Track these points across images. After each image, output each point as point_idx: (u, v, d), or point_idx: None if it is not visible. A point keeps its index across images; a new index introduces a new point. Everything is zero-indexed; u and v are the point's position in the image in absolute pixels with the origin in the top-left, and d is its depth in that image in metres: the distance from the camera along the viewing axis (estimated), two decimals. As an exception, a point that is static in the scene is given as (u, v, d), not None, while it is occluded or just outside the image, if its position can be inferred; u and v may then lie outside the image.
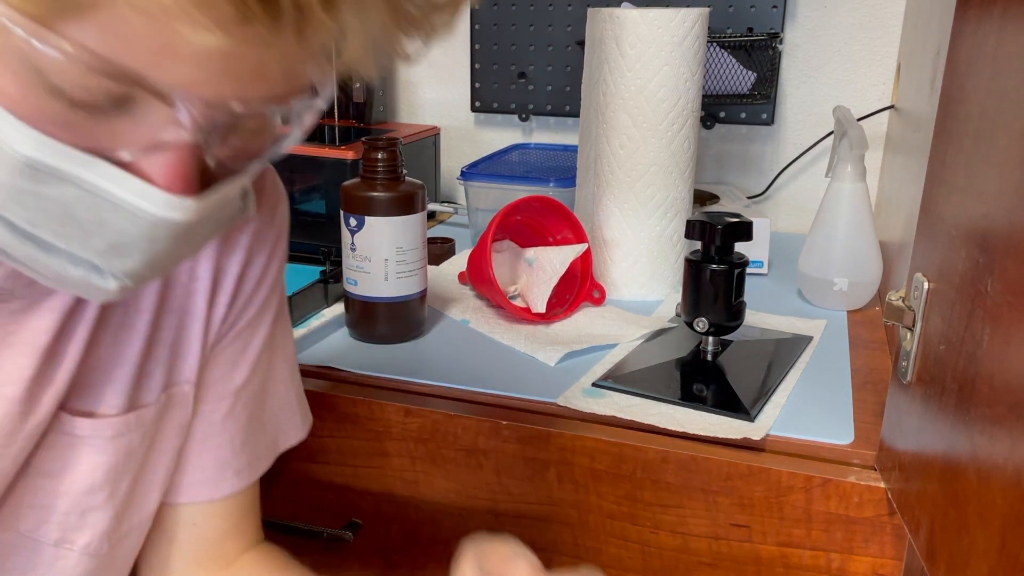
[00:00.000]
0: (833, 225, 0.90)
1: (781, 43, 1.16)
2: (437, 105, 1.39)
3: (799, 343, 0.83)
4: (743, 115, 1.23)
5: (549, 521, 0.70)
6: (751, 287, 0.95)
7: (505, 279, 0.92)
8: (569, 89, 1.29)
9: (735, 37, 1.14)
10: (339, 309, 0.89)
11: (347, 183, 0.81)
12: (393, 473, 0.74)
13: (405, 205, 0.79)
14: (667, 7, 0.87)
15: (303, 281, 0.90)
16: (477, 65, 1.32)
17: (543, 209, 0.92)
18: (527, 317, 0.87)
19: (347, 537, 0.74)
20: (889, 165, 1.08)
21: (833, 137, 0.94)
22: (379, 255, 0.80)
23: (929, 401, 0.53)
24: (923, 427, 0.54)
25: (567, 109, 1.30)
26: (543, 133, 1.35)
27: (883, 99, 1.18)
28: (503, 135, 1.37)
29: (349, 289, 0.83)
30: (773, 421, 0.68)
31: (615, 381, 0.74)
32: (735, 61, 1.15)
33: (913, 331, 0.55)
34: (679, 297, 0.83)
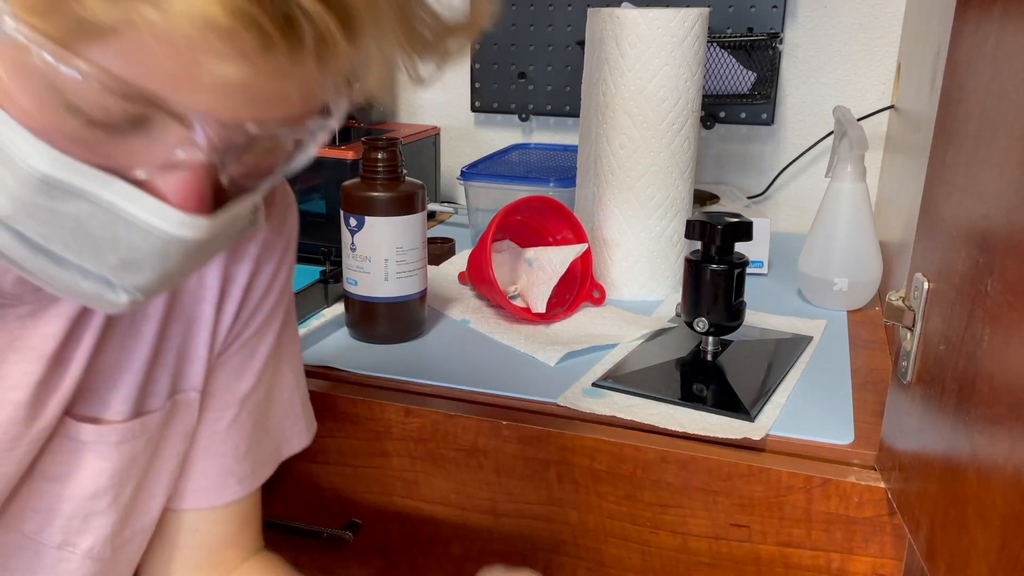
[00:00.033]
0: (833, 225, 0.90)
1: (781, 43, 1.16)
2: (437, 105, 1.39)
3: (799, 343, 0.83)
4: (743, 115, 1.23)
5: (549, 521, 0.70)
6: (751, 287, 0.95)
7: (505, 279, 0.92)
8: (569, 89, 1.29)
9: (735, 37, 1.14)
10: (339, 309, 0.89)
11: (347, 183, 0.81)
12: (393, 473, 0.74)
13: (405, 205, 0.79)
14: (667, 7, 0.87)
15: (303, 281, 0.90)
16: (477, 65, 1.32)
17: (543, 209, 0.92)
18: (527, 317, 0.87)
19: (347, 537, 0.74)
20: (889, 165, 1.08)
21: (833, 137, 0.94)
22: (379, 255, 0.80)
23: (929, 401, 0.53)
24: (923, 427, 0.54)
25: (567, 109, 1.30)
26: (543, 133, 1.35)
27: (883, 99, 1.18)
28: (503, 135, 1.37)
29: (349, 289, 0.83)
30: (773, 421, 0.68)
31: (615, 381, 0.74)
32: (735, 61, 1.15)
33: (913, 331, 0.55)
34: (679, 297, 0.83)
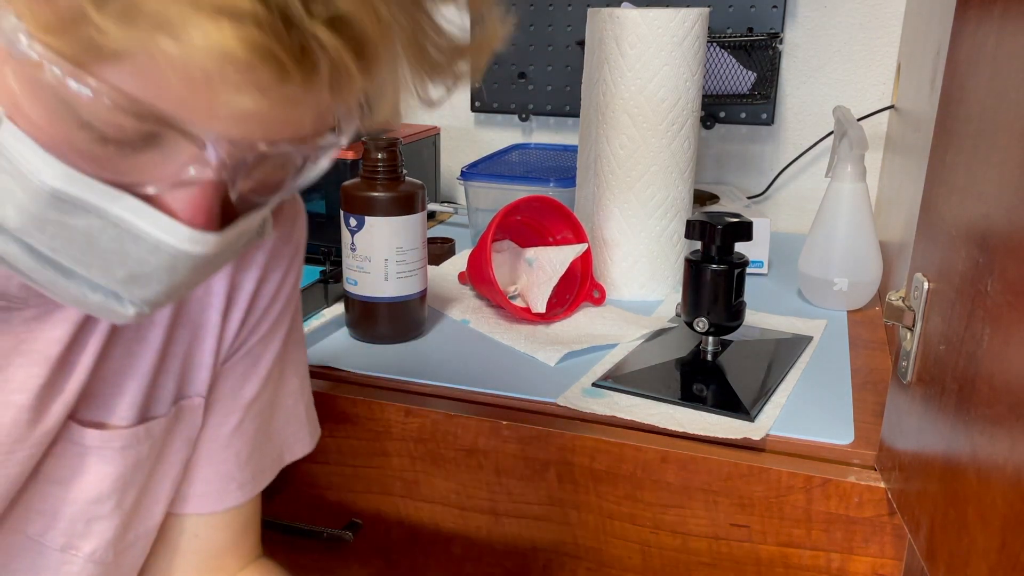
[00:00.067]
0: (833, 225, 0.90)
1: (781, 43, 1.16)
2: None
3: (799, 343, 0.82)
4: (743, 115, 1.23)
5: (549, 521, 0.70)
6: (751, 287, 0.95)
7: (505, 279, 0.92)
8: (569, 89, 1.29)
9: (735, 37, 1.14)
10: (339, 309, 0.89)
11: (347, 183, 0.81)
12: (393, 473, 0.74)
13: (405, 205, 0.79)
14: (667, 7, 0.87)
15: (303, 281, 0.90)
16: (477, 65, 1.32)
17: (543, 209, 0.92)
18: (527, 317, 0.87)
19: (347, 537, 0.74)
20: (889, 165, 1.08)
21: (833, 137, 0.94)
22: (379, 255, 0.80)
23: (929, 401, 0.53)
24: (923, 427, 0.54)
25: (567, 109, 1.30)
26: (543, 133, 1.35)
27: (883, 99, 1.18)
28: (503, 135, 1.37)
29: (349, 289, 0.83)
30: (773, 421, 0.68)
31: (615, 381, 0.74)
32: (735, 61, 1.15)
33: (913, 331, 0.55)
34: (679, 297, 0.83)
